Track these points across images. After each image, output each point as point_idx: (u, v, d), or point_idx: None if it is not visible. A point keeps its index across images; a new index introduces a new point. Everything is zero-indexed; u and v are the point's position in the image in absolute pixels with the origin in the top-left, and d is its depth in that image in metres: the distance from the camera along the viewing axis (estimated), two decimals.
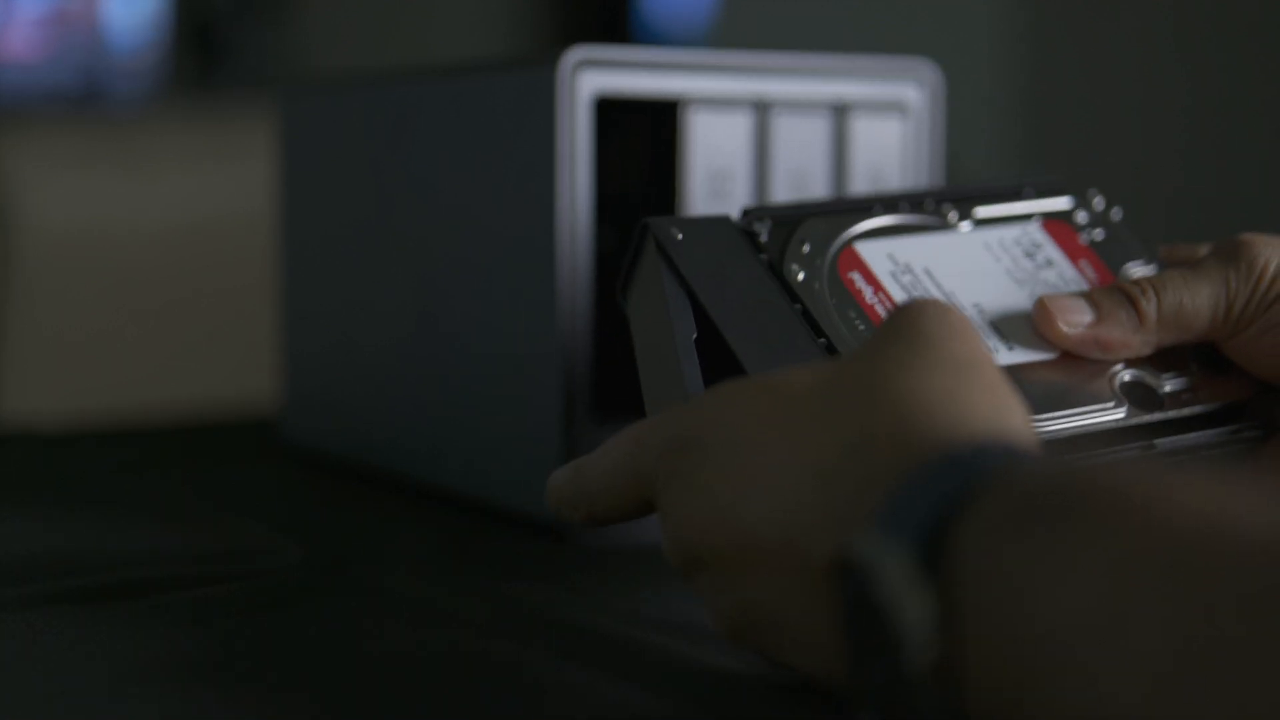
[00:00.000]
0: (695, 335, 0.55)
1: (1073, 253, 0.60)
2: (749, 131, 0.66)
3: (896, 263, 0.57)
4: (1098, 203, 0.62)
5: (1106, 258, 0.60)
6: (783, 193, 0.68)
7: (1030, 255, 0.59)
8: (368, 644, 0.51)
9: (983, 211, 0.60)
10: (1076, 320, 0.55)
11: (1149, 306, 0.55)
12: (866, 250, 0.58)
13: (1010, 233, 0.60)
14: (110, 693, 0.46)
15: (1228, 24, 2.47)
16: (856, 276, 0.57)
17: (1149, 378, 0.55)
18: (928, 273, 0.57)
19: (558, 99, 0.63)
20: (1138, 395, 0.55)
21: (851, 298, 0.56)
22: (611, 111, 0.65)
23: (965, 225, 0.60)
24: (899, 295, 0.56)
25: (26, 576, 0.59)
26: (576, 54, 0.63)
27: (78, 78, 2.19)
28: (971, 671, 0.35)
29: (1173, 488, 0.34)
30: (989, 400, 0.42)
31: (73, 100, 2.17)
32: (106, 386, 1.59)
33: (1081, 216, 0.61)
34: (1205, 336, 0.55)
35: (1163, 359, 0.56)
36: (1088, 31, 2.68)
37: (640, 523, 0.66)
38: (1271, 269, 0.54)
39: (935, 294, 0.57)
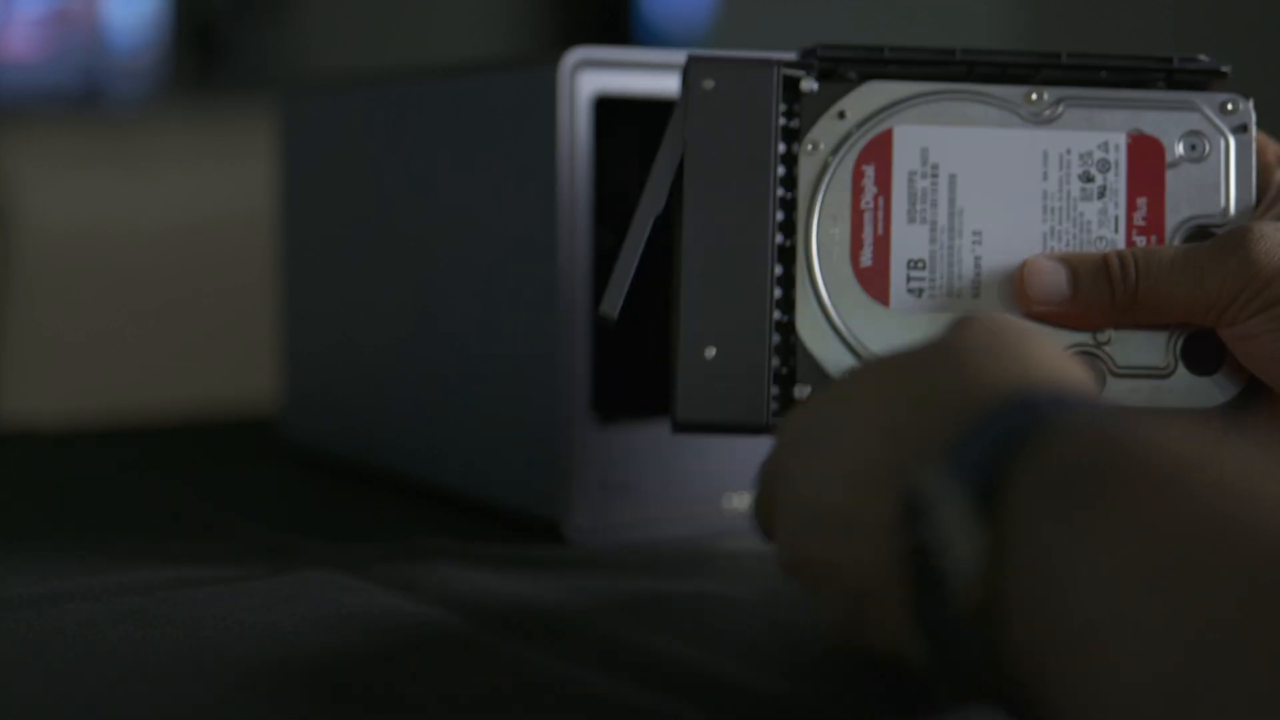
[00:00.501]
0: (659, 210, 0.55)
1: (1140, 185, 0.56)
2: None
3: (925, 160, 0.55)
4: (1232, 113, 0.56)
5: (1178, 195, 0.56)
6: None
7: (1088, 178, 0.56)
8: (367, 643, 0.51)
9: (1075, 107, 0.56)
10: (1049, 296, 0.54)
11: (1124, 288, 0.54)
12: (902, 138, 0.55)
13: (1085, 143, 0.56)
14: (111, 692, 0.46)
15: (1228, 25, 2.47)
16: (869, 170, 0.55)
17: (1107, 360, 0.54)
18: (951, 180, 0.55)
19: (558, 99, 0.63)
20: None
21: (848, 196, 0.55)
22: (611, 111, 0.65)
23: (1039, 120, 0.56)
24: (901, 206, 0.55)
25: (27, 576, 0.59)
26: (577, 54, 0.63)
27: (78, 77, 2.19)
28: (1010, 625, 0.36)
29: (1206, 459, 0.34)
30: (1049, 358, 0.43)
31: (73, 100, 2.17)
32: (106, 386, 1.59)
33: (1193, 129, 0.56)
34: (1187, 323, 0.55)
35: (1130, 343, 0.55)
36: (1087, 33, 2.68)
37: (640, 522, 0.66)
38: (1274, 265, 0.52)
39: (942, 208, 0.55)
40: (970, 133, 0.56)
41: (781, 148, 0.55)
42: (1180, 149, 0.56)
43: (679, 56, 0.66)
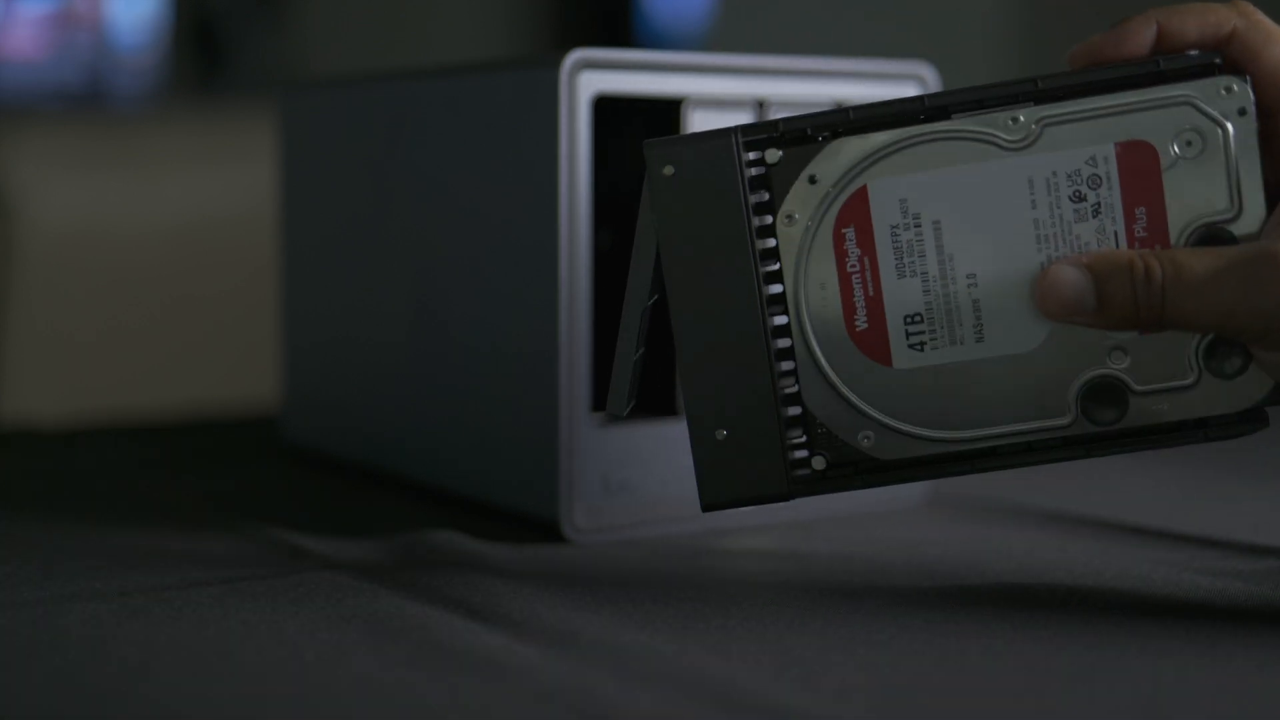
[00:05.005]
0: (653, 298, 0.55)
1: (1136, 194, 0.53)
2: None
3: (906, 212, 0.53)
4: (1231, 97, 0.52)
5: (1179, 195, 0.53)
6: None
7: (1079, 197, 0.53)
8: (367, 642, 0.51)
9: (1058, 126, 0.53)
10: (1073, 309, 0.52)
11: (1149, 308, 0.51)
12: (879, 193, 0.53)
13: (1074, 160, 0.53)
14: (114, 693, 0.46)
15: None
16: (850, 233, 0.53)
17: (1126, 380, 0.53)
18: (935, 228, 0.53)
19: (559, 99, 0.63)
20: (1104, 398, 0.53)
21: (832, 263, 0.53)
22: (611, 112, 0.65)
23: (1022, 146, 0.53)
24: (888, 262, 0.53)
25: (27, 576, 0.59)
26: (577, 55, 0.63)
27: (81, 76, 2.19)
28: None
29: None
30: None
31: (75, 99, 2.17)
32: (107, 386, 1.59)
33: (1189, 123, 0.52)
34: (1213, 332, 0.52)
35: (1154, 357, 0.52)
36: (1087, 33, 2.68)
37: (640, 522, 0.66)
38: None
39: (930, 258, 0.53)
40: (947, 175, 0.53)
41: (756, 221, 0.54)
42: (1175, 149, 0.53)
43: (679, 58, 0.66)
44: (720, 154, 0.54)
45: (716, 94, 0.66)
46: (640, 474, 0.66)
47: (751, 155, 0.54)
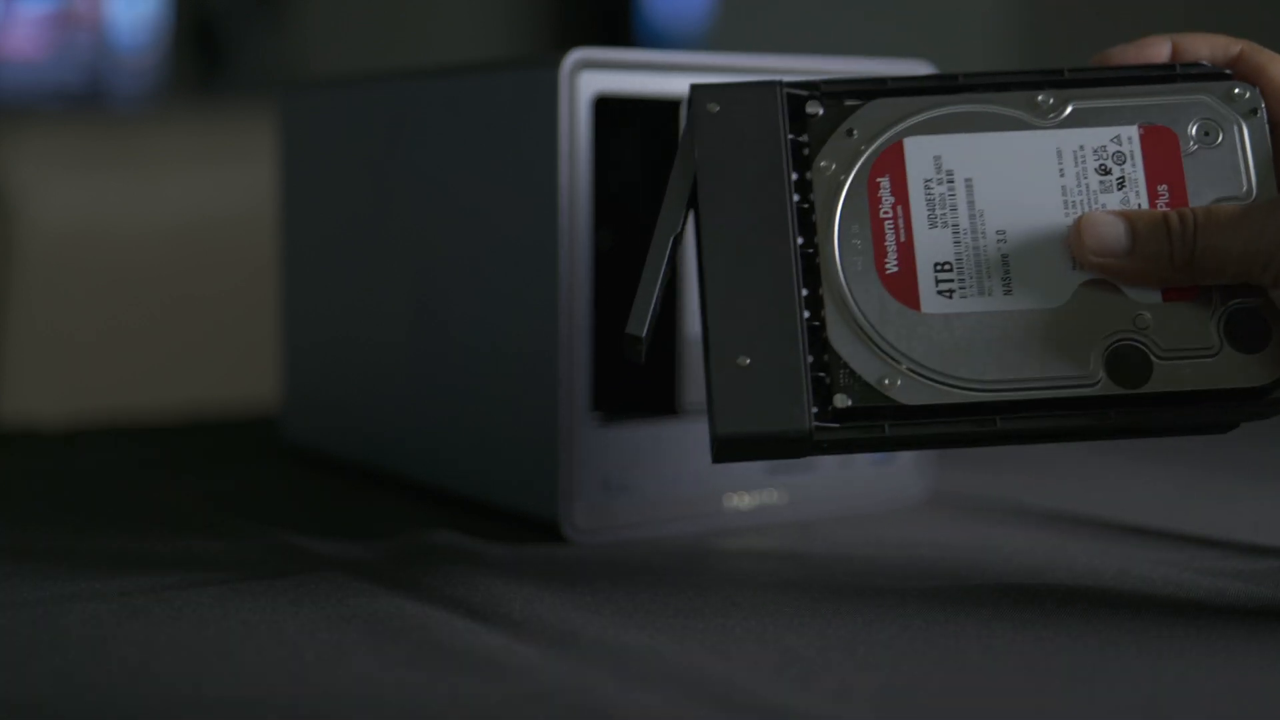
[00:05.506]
0: (678, 230, 0.55)
1: (1157, 173, 0.55)
2: None
3: (939, 168, 0.55)
4: (1242, 101, 0.56)
5: (1198, 181, 0.55)
6: None
7: (1105, 170, 0.55)
8: (367, 642, 0.51)
9: (1082, 103, 0.56)
10: (1109, 249, 0.53)
11: (1182, 243, 0.53)
12: (914, 149, 0.55)
13: (1098, 137, 0.56)
14: (111, 692, 0.46)
15: (1227, 27, 2.46)
16: (885, 182, 0.54)
17: (1150, 345, 0.53)
18: (967, 184, 0.55)
19: (559, 99, 0.63)
20: (1129, 361, 0.53)
21: (866, 208, 0.54)
22: (611, 112, 0.65)
23: (1049, 120, 0.56)
24: (920, 212, 0.54)
25: (27, 575, 0.59)
26: (577, 54, 0.63)
27: (81, 76, 2.19)
28: None
29: None
30: None
31: (76, 98, 2.17)
32: (107, 386, 1.59)
33: (1204, 119, 0.56)
34: (1244, 283, 0.53)
35: (1177, 325, 0.53)
36: (1087, 34, 2.68)
37: (640, 522, 0.66)
38: None
39: (962, 212, 0.54)
40: (981, 138, 0.55)
41: (794, 171, 0.55)
42: (1194, 136, 0.56)
43: (679, 58, 0.66)
44: (764, 99, 0.55)
45: None
46: (640, 474, 0.66)
47: (791, 102, 0.56)
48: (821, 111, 0.55)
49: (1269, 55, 0.58)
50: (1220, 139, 0.56)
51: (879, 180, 0.54)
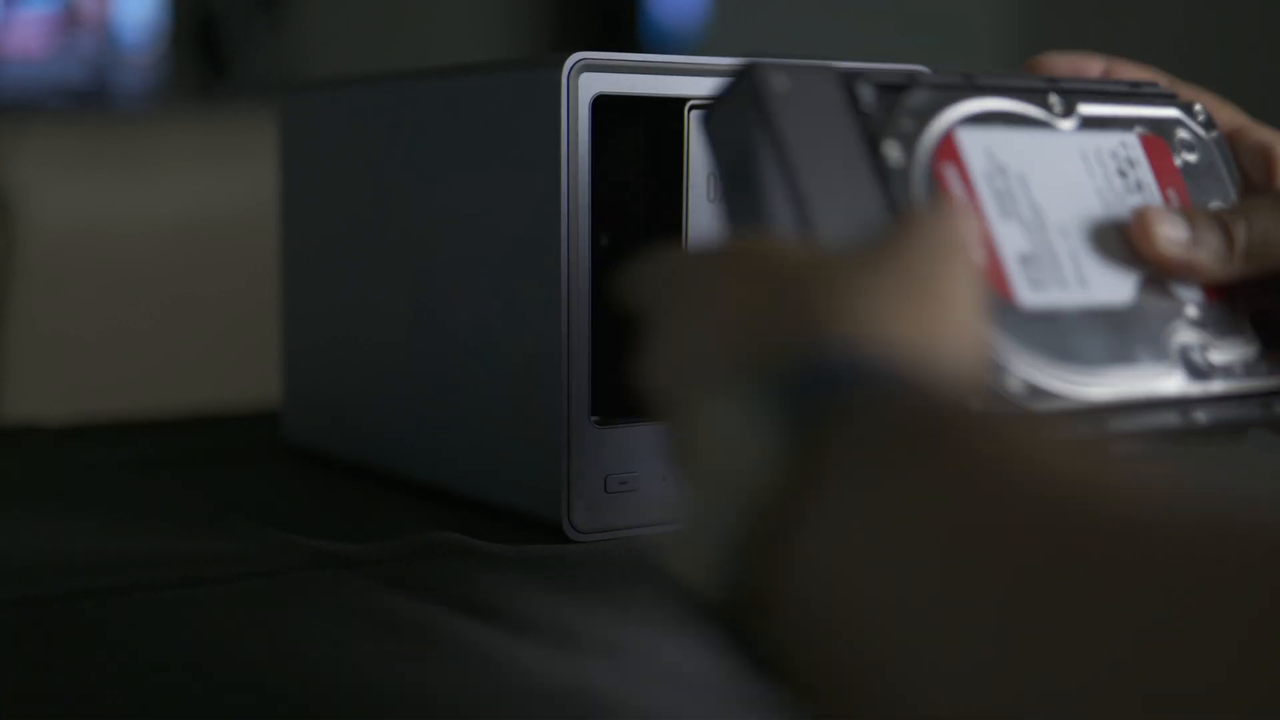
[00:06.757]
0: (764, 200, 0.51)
1: (1163, 178, 0.57)
2: None
3: (993, 161, 0.54)
4: (1201, 119, 0.60)
5: (1194, 187, 0.58)
6: None
7: (1123, 174, 0.56)
8: (367, 641, 0.51)
9: (1087, 109, 0.57)
10: (1174, 236, 0.54)
11: (1240, 234, 0.54)
12: (967, 141, 0.54)
13: (1109, 142, 0.57)
14: (112, 692, 0.46)
15: (1228, 27, 2.47)
16: (951, 171, 0.53)
17: (1196, 348, 0.54)
18: (1022, 180, 0.54)
19: (560, 100, 0.63)
20: (1187, 364, 0.53)
21: (937, 194, 0.52)
22: (610, 114, 0.65)
23: (1068, 123, 0.56)
24: (990, 203, 0.53)
25: (27, 575, 0.59)
26: (578, 56, 0.63)
27: (85, 75, 2.19)
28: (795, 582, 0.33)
29: (1028, 447, 0.32)
30: (931, 330, 0.40)
31: (79, 96, 2.17)
32: (108, 386, 1.59)
33: (1183, 133, 0.59)
34: None
35: (1222, 323, 0.54)
36: (1087, 37, 2.68)
37: (640, 522, 0.66)
38: None
39: (1024, 206, 0.53)
40: (1023, 134, 0.55)
41: (866, 146, 0.53)
42: (1180, 147, 0.58)
43: (679, 59, 0.66)
44: (825, 83, 0.53)
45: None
46: (640, 474, 0.66)
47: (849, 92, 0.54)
48: (874, 98, 0.54)
49: (1187, 88, 0.62)
50: (1199, 150, 0.58)
51: (943, 167, 0.53)
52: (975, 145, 0.54)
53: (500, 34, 2.70)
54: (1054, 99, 0.56)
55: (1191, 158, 0.58)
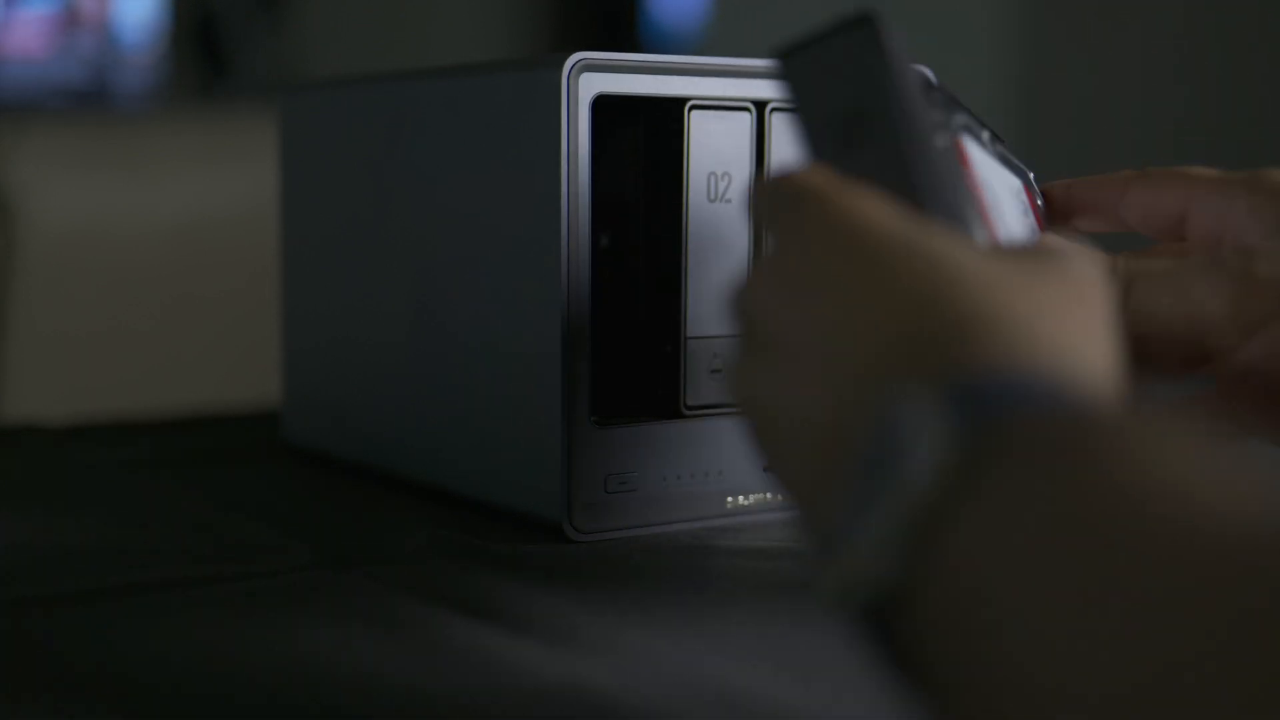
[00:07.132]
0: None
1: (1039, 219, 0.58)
2: (748, 133, 0.67)
3: (983, 173, 0.54)
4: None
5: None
6: None
7: (1025, 214, 0.57)
8: (367, 641, 0.51)
9: (998, 146, 0.57)
10: None
11: (1118, 289, 0.53)
12: (970, 149, 0.54)
13: (1013, 181, 0.57)
14: (112, 692, 0.46)
15: (1228, 26, 2.47)
16: (969, 170, 0.53)
17: None
18: (994, 196, 0.54)
19: (560, 100, 0.63)
20: None
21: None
22: (610, 114, 0.65)
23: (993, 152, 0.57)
24: (990, 212, 0.53)
25: (28, 575, 0.59)
26: (578, 56, 0.63)
27: (85, 75, 2.19)
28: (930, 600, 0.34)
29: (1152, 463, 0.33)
30: (1090, 355, 0.41)
31: (79, 96, 2.17)
32: (108, 386, 1.59)
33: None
34: (1180, 356, 0.53)
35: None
36: (1086, 35, 2.68)
37: (640, 522, 0.66)
38: (1275, 278, 0.51)
39: (1005, 221, 0.54)
40: (986, 157, 0.55)
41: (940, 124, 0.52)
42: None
43: (679, 59, 0.66)
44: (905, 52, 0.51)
45: (717, 95, 0.66)
46: (640, 474, 0.66)
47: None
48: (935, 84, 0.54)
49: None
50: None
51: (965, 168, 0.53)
52: (973, 154, 0.54)
53: (500, 34, 2.70)
54: (985, 134, 0.56)
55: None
